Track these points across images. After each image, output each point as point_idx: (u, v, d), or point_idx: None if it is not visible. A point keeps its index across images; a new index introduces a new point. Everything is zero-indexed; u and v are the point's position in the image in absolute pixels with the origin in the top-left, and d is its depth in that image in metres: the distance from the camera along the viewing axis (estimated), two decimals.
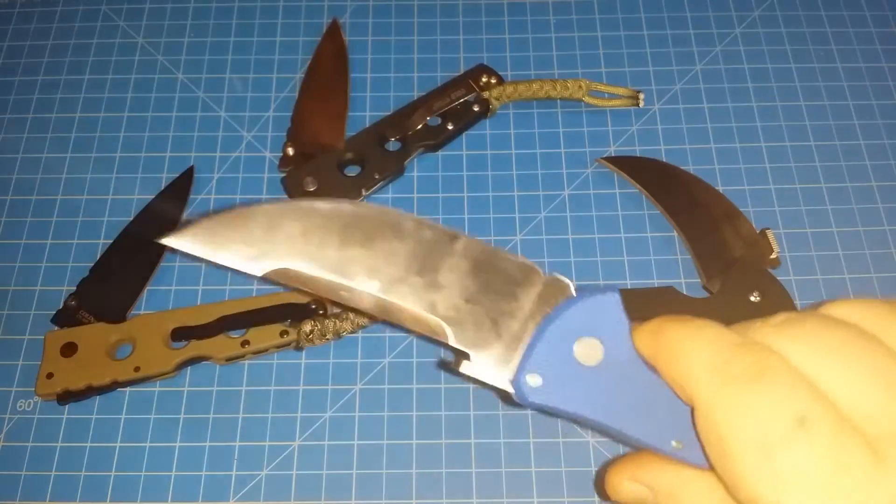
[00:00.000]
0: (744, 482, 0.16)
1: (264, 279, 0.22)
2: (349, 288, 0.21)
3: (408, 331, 0.34)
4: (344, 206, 0.22)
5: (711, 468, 0.17)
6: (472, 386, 0.39)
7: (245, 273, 0.21)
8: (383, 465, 0.37)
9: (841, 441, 0.15)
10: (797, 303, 0.40)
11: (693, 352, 0.18)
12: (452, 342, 0.21)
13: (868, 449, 0.15)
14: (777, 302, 0.39)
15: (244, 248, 0.21)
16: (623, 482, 0.20)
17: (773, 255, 0.40)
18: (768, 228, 0.41)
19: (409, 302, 0.21)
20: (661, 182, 0.43)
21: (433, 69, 0.48)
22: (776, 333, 0.17)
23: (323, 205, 0.22)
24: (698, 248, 0.41)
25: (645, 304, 0.39)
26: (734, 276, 0.39)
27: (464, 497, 0.37)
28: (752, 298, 0.39)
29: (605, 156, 0.45)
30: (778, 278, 0.39)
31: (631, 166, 0.44)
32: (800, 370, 0.16)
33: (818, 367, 0.16)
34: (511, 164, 0.45)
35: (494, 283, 0.22)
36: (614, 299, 0.21)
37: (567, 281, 0.21)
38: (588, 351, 0.20)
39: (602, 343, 0.20)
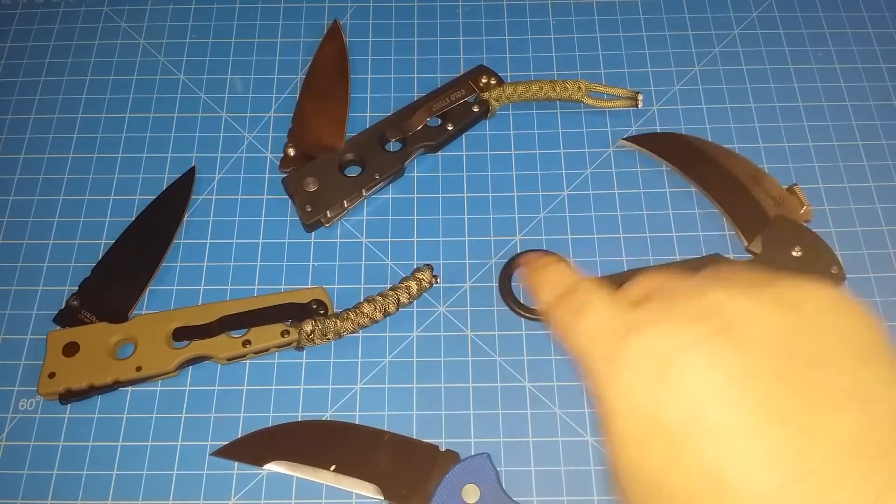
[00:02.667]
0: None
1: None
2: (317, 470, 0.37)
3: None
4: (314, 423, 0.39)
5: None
6: (472, 385, 0.39)
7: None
8: None
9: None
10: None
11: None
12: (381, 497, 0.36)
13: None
14: (818, 254, 0.40)
15: None
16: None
17: (804, 210, 0.41)
18: (796, 184, 0.42)
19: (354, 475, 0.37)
20: (685, 154, 0.44)
21: (433, 70, 0.48)
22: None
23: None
24: (733, 212, 0.42)
25: (691, 274, 0.40)
26: (773, 234, 0.41)
27: None
28: (795, 253, 0.40)
29: (612, 146, 0.45)
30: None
31: (653, 142, 0.45)
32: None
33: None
34: (511, 165, 0.45)
35: (411, 460, 0.37)
36: (484, 459, 0.36)
37: (455, 452, 0.37)
38: (470, 492, 0.36)
39: (478, 487, 0.36)
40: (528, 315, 0.40)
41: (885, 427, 0.21)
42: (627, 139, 0.45)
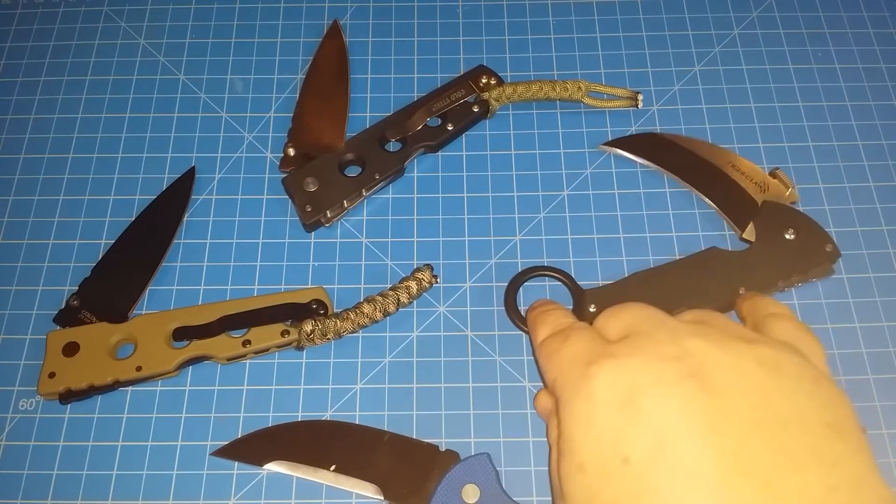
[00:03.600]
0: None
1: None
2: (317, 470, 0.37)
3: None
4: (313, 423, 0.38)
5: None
6: (472, 385, 0.39)
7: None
8: None
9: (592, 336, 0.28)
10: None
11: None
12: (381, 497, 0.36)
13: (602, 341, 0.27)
14: (811, 234, 0.40)
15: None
16: (542, 394, 0.32)
17: (790, 191, 0.42)
18: (778, 168, 0.43)
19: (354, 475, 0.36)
20: (665, 151, 0.44)
21: (433, 70, 0.48)
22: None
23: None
24: (723, 204, 0.42)
25: (693, 270, 0.40)
26: (764, 220, 0.41)
27: None
28: (788, 236, 0.40)
29: (603, 154, 0.45)
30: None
31: (631, 144, 0.45)
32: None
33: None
34: (511, 165, 0.45)
35: (411, 460, 0.36)
36: (484, 459, 0.36)
37: (455, 452, 0.36)
38: (470, 492, 0.35)
39: (479, 487, 0.35)
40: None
41: (845, 492, 0.21)
42: (607, 143, 0.45)
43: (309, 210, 0.42)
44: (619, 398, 0.24)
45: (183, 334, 0.39)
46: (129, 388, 0.39)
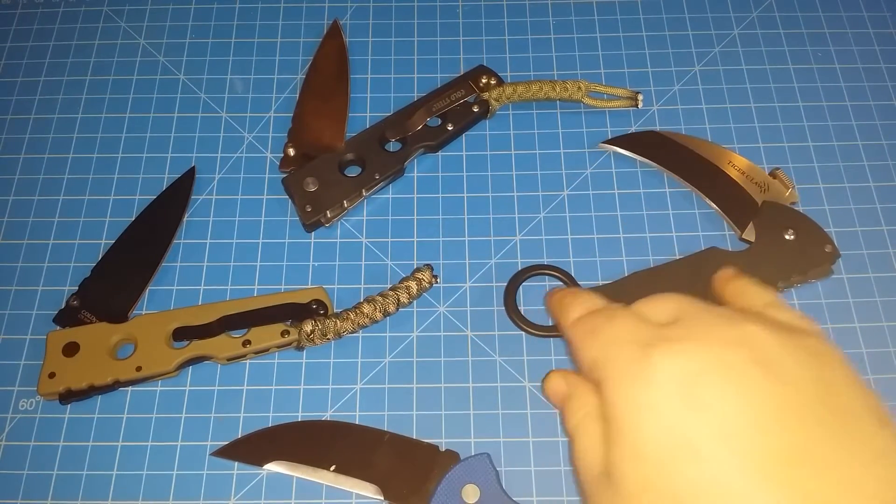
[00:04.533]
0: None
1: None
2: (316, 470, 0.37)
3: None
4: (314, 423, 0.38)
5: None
6: (472, 385, 0.39)
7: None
8: None
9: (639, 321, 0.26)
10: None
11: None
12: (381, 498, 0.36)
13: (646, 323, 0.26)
14: (810, 234, 0.41)
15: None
16: (554, 378, 0.29)
17: (789, 192, 0.42)
18: (778, 168, 0.43)
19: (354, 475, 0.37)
20: (665, 150, 0.44)
21: (433, 70, 0.48)
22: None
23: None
24: (722, 204, 0.43)
25: (693, 270, 0.40)
26: (764, 220, 0.41)
27: None
28: (788, 237, 0.40)
29: (603, 154, 0.45)
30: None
31: (631, 142, 0.45)
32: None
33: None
34: (511, 165, 0.45)
35: (411, 460, 0.37)
36: (484, 459, 0.36)
37: (455, 452, 0.37)
38: (470, 492, 0.35)
39: (479, 487, 0.35)
40: (533, 331, 0.40)
41: None
42: (606, 141, 0.45)
43: (309, 210, 0.42)
44: (681, 384, 0.22)
45: (183, 334, 0.39)
46: (129, 388, 0.39)
